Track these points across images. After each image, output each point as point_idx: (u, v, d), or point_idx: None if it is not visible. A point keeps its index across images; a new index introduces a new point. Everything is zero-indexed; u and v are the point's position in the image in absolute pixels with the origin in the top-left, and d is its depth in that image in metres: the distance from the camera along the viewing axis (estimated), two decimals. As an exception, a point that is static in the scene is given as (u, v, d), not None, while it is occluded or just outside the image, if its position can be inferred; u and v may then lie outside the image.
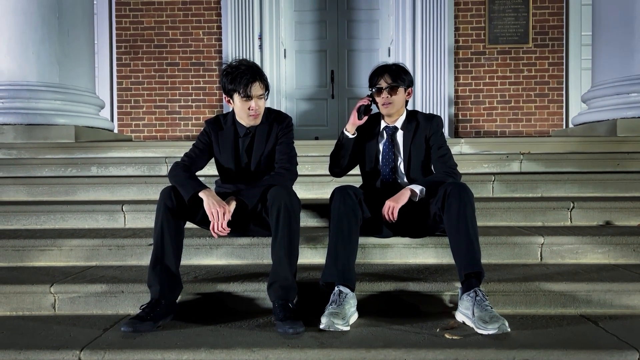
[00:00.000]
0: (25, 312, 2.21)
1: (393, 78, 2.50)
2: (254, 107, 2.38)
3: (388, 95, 2.50)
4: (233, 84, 2.36)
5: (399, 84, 2.50)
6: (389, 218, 2.33)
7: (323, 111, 6.80)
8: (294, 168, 2.48)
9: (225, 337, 1.88)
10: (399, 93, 2.51)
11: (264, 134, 2.48)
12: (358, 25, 6.76)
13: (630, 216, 2.88)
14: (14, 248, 2.59)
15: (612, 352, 1.73)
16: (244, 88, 2.34)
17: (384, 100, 2.51)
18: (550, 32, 6.34)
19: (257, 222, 2.45)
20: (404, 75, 2.53)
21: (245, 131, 2.48)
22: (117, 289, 2.21)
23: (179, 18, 6.49)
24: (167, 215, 2.14)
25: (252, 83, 2.34)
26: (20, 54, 4.43)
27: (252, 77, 2.34)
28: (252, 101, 2.36)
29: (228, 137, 2.50)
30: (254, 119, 2.43)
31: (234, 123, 2.50)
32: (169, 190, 2.19)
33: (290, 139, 2.52)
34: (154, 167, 3.76)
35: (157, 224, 2.14)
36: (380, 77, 2.51)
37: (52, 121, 4.49)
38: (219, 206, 2.16)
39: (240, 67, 2.36)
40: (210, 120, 2.55)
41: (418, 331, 1.92)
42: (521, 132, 6.38)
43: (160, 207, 2.16)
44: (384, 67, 2.55)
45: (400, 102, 2.54)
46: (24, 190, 3.38)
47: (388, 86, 2.49)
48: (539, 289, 2.16)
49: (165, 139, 6.53)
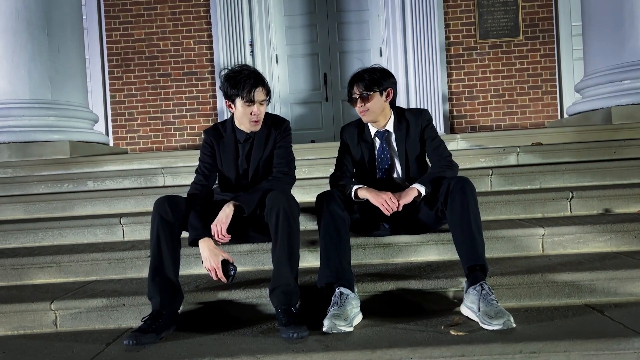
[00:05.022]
0: (26, 330, 2.19)
1: (365, 86, 2.47)
2: (256, 112, 2.36)
3: (362, 104, 2.48)
4: (235, 89, 2.33)
5: (372, 90, 2.47)
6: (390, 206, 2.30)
7: (318, 114, 6.79)
8: (292, 172, 2.47)
9: (229, 345, 1.86)
10: (373, 99, 2.48)
11: (263, 138, 2.47)
12: (348, 27, 6.77)
13: (629, 203, 2.88)
14: (12, 267, 2.57)
15: (619, 340, 1.72)
16: (247, 93, 2.32)
17: (359, 109, 2.51)
18: (540, 24, 6.35)
19: (257, 229, 2.43)
20: (378, 79, 2.48)
21: (245, 137, 2.47)
22: (119, 303, 2.19)
23: (169, 28, 6.49)
24: (162, 225, 2.12)
25: (255, 88, 2.33)
26: (11, 72, 4.43)
27: (256, 82, 2.34)
28: (254, 106, 2.35)
29: (229, 144, 2.49)
30: (255, 124, 2.41)
31: (234, 130, 2.49)
32: (162, 201, 2.17)
33: (288, 143, 2.51)
34: (151, 178, 3.74)
35: (153, 234, 2.13)
36: (352, 87, 2.51)
37: (46, 138, 4.48)
38: (213, 261, 2.13)
39: (243, 71, 2.36)
40: (209, 130, 2.53)
41: (423, 329, 1.90)
42: (516, 125, 6.38)
43: (155, 218, 2.14)
44: (355, 76, 2.52)
45: (378, 107, 2.50)
46: (21, 208, 3.37)
47: (360, 96, 2.47)
48: (542, 280, 2.15)
49: (161, 150, 6.51)
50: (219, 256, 2.14)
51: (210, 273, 2.16)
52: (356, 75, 2.53)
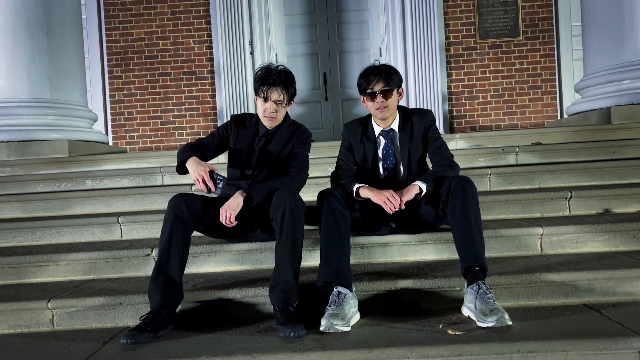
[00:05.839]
0: (23, 329, 2.18)
1: (385, 81, 2.45)
2: (269, 110, 2.45)
3: (383, 99, 2.46)
4: (257, 84, 2.46)
5: (392, 87, 2.46)
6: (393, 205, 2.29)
7: (317, 114, 6.79)
8: (303, 175, 2.53)
9: (226, 344, 1.86)
10: (393, 96, 2.48)
11: (282, 140, 2.55)
12: (348, 26, 6.76)
13: (628, 203, 2.87)
14: (10, 265, 2.57)
15: (617, 339, 1.71)
16: (264, 90, 2.43)
17: (378, 104, 2.46)
18: (540, 24, 6.34)
19: (264, 228, 2.45)
20: (394, 76, 2.48)
21: (265, 131, 2.56)
22: (116, 302, 2.19)
23: (169, 28, 6.49)
24: (176, 222, 2.12)
25: (271, 87, 2.43)
26: (10, 71, 4.43)
27: (275, 82, 2.43)
28: (267, 104, 2.45)
29: (248, 133, 2.59)
30: (268, 120, 2.50)
31: (257, 122, 2.59)
32: (178, 198, 2.17)
33: (305, 150, 2.58)
34: (149, 177, 3.74)
35: (165, 231, 2.12)
36: (372, 81, 2.45)
37: (45, 137, 4.48)
38: (200, 169, 2.31)
39: (271, 70, 2.46)
40: (236, 116, 2.65)
41: (420, 328, 1.90)
42: (516, 125, 6.38)
43: (169, 216, 2.13)
44: (375, 70, 2.48)
45: (394, 105, 2.51)
46: (19, 207, 3.36)
47: (381, 90, 2.45)
48: (540, 280, 2.15)
49: (160, 149, 6.50)
50: (205, 166, 2.31)
51: (197, 184, 2.29)
52: (376, 69, 2.48)
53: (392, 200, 2.30)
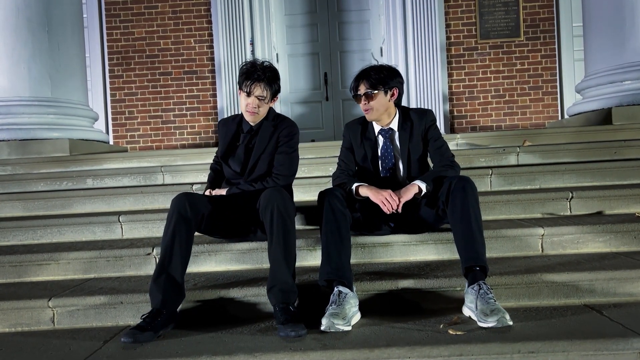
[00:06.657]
0: (24, 327, 2.18)
1: (370, 84, 2.46)
2: (251, 105, 2.45)
3: (366, 101, 2.47)
4: (241, 78, 2.45)
5: (377, 89, 2.46)
6: (391, 207, 2.30)
7: (318, 114, 6.79)
8: (290, 176, 2.53)
9: (227, 343, 1.86)
10: (377, 98, 2.47)
11: (267, 135, 2.54)
12: (349, 26, 6.76)
13: (629, 203, 2.87)
14: (11, 264, 2.57)
15: (618, 340, 1.71)
16: (247, 85, 2.42)
17: (362, 107, 2.50)
18: (542, 24, 6.34)
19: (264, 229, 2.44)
20: (385, 78, 2.47)
21: (249, 128, 2.56)
22: (116, 300, 2.18)
23: (170, 27, 6.49)
24: (179, 222, 2.12)
25: (255, 82, 2.42)
26: (11, 69, 4.43)
27: (259, 78, 2.41)
28: (250, 98, 2.44)
29: (231, 132, 2.61)
30: (250, 115, 2.50)
31: (242, 120, 2.60)
32: (182, 198, 2.18)
33: (290, 148, 2.54)
34: (150, 176, 3.74)
35: (168, 230, 2.12)
36: (358, 84, 2.49)
37: (45, 135, 4.48)
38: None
39: (256, 65, 2.45)
40: (223, 118, 2.73)
41: (421, 328, 1.90)
42: (517, 125, 6.38)
43: (173, 215, 2.13)
44: (361, 72, 2.51)
45: (381, 106, 2.50)
46: (20, 205, 3.36)
47: (364, 93, 2.47)
48: (541, 280, 2.14)
49: (161, 148, 6.50)
50: None
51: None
52: (363, 72, 2.51)
53: (390, 201, 2.30)
